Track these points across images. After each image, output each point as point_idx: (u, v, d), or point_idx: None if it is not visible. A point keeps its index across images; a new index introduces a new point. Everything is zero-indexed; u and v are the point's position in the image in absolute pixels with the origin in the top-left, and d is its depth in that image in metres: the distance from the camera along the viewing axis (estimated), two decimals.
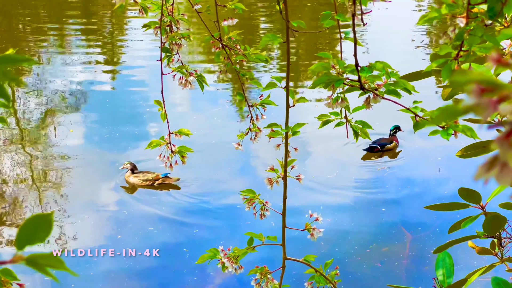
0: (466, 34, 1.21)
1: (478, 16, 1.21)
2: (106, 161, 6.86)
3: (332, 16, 1.69)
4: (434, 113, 1.36)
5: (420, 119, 1.39)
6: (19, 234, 0.55)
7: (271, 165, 1.93)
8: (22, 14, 13.24)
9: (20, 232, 0.55)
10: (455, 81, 0.46)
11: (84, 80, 9.40)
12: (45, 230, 0.55)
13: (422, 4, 14.71)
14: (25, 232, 0.54)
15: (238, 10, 2.03)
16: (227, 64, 2.11)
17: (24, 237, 0.54)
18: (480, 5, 1.21)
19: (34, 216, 0.55)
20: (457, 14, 1.20)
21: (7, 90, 0.50)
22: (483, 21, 1.22)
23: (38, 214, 0.55)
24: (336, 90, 1.46)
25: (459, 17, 1.19)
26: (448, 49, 1.31)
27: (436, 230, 5.42)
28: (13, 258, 0.52)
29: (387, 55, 9.15)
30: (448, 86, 2.10)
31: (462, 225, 2.01)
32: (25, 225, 0.55)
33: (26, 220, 0.55)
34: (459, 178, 6.25)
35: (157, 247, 5.26)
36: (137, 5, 2.20)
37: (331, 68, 1.45)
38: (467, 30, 1.21)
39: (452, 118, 0.45)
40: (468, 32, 1.21)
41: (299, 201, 5.62)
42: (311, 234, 1.89)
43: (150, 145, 2.33)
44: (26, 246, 0.55)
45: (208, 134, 7.26)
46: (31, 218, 0.55)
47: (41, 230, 0.55)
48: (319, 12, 12.00)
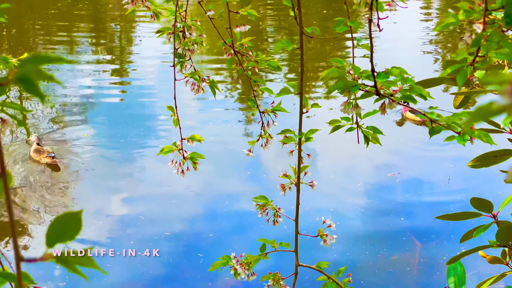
0: (483, 40, 1.21)
1: (495, 22, 1.21)
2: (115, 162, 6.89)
3: (345, 22, 1.69)
4: (450, 119, 1.36)
5: (436, 125, 1.39)
6: (49, 232, 0.55)
7: (284, 171, 1.93)
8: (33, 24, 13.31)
9: (50, 230, 0.55)
10: (487, 81, 0.46)
11: (93, 85, 9.44)
12: (75, 228, 0.55)
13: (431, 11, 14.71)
14: (54, 230, 0.55)
15: (251, 17, 2.04)
16: (238, 71, 2.11)
17: (54, 235, 0.55)
18: (497, 11, 1.21)
19: (63, 215, 0.55)
20: (474, 20, 1.20)
21: (41, 89, 0.51)
22: (500, 27, 1.22)
23: (67, 213, 0.55)
24: (351, 95, 1.47)
25: (476, 23, 1.20)
26: (464, 55, 1.31)
27: (447, 238, 5.40)
28: (43, 256, 0.53)
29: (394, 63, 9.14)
30: (460, 94, 2.10)
31: (474, 234, 2.01)
32: (55, 223, 0.55)
33: (55, 219, 0.55)
34: (469, 186, 6.24)
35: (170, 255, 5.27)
36: (149, 11, 2.21)
37: (347, 73, 1.46)
38: (484, 36, 1.21)
39: (485, 118, 0.45)
40: (485, 38, 1.21)
41: (309, 205, 5.62)
42: (324, 241, 1.89)
43: (162, 151, 2.34)
44: (56, 244, 0.55)
45: (217, 140, 7.29)
46: (61, 217, 0.56)
47: (70, 229, 0.55)
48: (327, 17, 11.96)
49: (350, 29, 1.70)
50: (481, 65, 1.33)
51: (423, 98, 1.43)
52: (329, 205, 5.95)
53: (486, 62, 1.32)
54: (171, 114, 2.21)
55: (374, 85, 1.40)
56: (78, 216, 0.56)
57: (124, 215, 5.94)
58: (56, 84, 5.76)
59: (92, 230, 5.59)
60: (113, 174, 6.76)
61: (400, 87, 1.44)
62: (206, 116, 8.24)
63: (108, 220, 5.82)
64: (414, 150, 7.21)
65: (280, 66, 2.09)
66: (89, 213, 5.83)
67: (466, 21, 1.22)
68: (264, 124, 2.05)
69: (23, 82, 0.50)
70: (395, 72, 1.39)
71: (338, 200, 6.10)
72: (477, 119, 0.47)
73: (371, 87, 1.44)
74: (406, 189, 6.35)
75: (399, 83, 1.45)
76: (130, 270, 5.12)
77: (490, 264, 2.13)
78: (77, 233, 0.55)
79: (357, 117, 1.68)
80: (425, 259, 5.20)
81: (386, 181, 6.51)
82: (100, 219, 5.85)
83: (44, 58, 0.50)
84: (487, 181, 6.24)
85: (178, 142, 2.28)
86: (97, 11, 14.56)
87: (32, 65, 0.50)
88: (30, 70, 0.49)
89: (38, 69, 0.49)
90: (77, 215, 0.56)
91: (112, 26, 13.25)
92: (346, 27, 1.65)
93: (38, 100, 8.48)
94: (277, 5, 14.45)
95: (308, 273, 2.15)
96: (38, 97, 0.52)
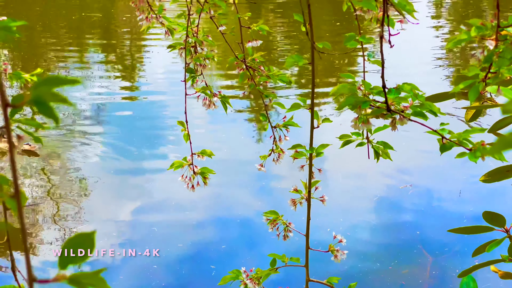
0: (495, 56, 1.21)
1: (507, 38, 1.21)
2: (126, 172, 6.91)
3: (355, 37, 1.70)
4: (462, 135, 1.35)
5: (446, 141, 1.39)
6: (62, 253, 0.55)
7: (294, 185, 1.93)
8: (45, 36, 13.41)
9: (63, 252, 0.55)
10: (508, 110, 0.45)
11: (103, 99, 9.49)
12: (87, 249, 0.55)
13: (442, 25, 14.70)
14: (67, 251, 0.55)
15: (263, 32, 2.05)
16: (250, 85, 2.12)
17: (67, 256, 0.55)
18: (509, 28, 1.21)
19: (76, 235, 0.55)
20: (486, 36, 1.20)
21: (56, 112, 0.51)
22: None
23: (80, 233, 0.55)
24: (362, 111, 1.47)
25: (488, 39, 1.19)
26: (476, 71, 1.31)
27: (458, 252, 5.37)
28: (56, 277, 0.53)
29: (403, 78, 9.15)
30: (472, 108, 2.10)
31: (487, 249, 1.99)
32: (68, 244, 0.55)
33: (68, 239, 0.55)
34: (480, 200, 6.20)
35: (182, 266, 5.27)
36: (163, 27, 2.22)
37: (357, 89, 1.46)
38: (496, 53, 1.21)
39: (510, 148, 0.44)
40: (497, 55, 1.21)
41: (320, 217, 5.61)
42: (335, 256, 1.89)
43: (173, 166, 2.34)
44: (69, 266, 0.55)
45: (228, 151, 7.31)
46: (74, 237, 0.56)
47: (83, 249, 0.55)
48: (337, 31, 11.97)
49: (361, 44, 1.70)
50: (493, 81, 1.32)
51: (434, 115, 1.43)
52: (339, 217, 5.94)
53: (498, 78, 1.32)
54: (181, 129, 2.22)
55: (385, 101, 1.40)
56: (91, 237, 0.56)
57: (136, 226, 5.95)
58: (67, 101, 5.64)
59: (106, 242, 5.60)
60: (125, 185, 6.78)
61: (411, 103, 1.44)
62: (216, 127, 8.26)
63: (120, 231, 5.83)
64: (425, 161, 7.19)
65: (292, 80, 2.09)
66: (100, 225, 5.85)
67: (478, 37, 1.22)
68: (276, 138, 2.06)
69: (37, 104, 0.51)
70: (406, 88, 1.39)
71: (348, 212, 6.08)
72: (501, 149, 0.46)
73: (381, 103, 1.44)
74: (418, 202, 6.32)
75: (410, 99, 1.45)
76: (143, 279, 5.12)
77: (502, 280, 2.11)
78: (91, 253, 0.55)
79: (367, 132, 1.68)
80: (437, 272, 5.17)
81: (397, 193, 6.49)
82: (112, 230, 5.86)
83: (59, 80, 0.50)
84: (499, 195, 6.21)
85: (188, 157, 2.28)
86: (109, 23, 14.67)
87: (46, 87, 0.51)
88: (44, 92, 0.50)
89: (52, 91, 0.49)
90: (90, 236, 0.56)
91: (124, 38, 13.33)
92: (357, 43, 1.65)
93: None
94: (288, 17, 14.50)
95: (318, 286, 2.14)
96: (53, 119, 0.52)
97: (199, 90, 2.13)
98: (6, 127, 0.51)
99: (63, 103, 0.51)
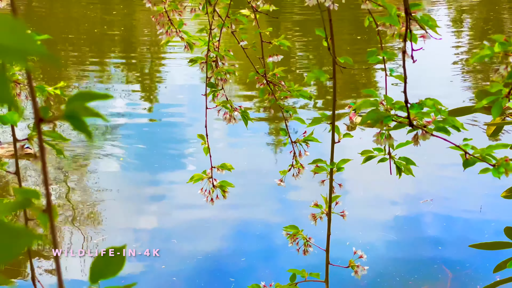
0: None
1: None
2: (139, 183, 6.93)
3: (378, 53, 1.70)
4: (485, 151, 1.35)
5: (470, 157, 1.38)
6: (93, 267, 0.56)
7: (315, 201, 1.93)
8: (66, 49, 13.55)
9: (94, 266, 0.56)
10: None
11: (122, 112, 9.55)
12: (118, 263, 0.56)
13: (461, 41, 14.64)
14: (98, 266, 0.55)
15: (283, 47, 2.06)
16: (271, 100, 2.13)
17: (98, 271, 0.55)
18: None
19: (107, 250, 0.56)
20: (509, 52, 1.20)
21: (89, 126, 0.52)
22: None
23: (110, 248, 0.56)
24: (384, 126, 1.47)
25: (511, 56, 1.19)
26: (499, 87, 1.30)
27: (479, 267, 5.32)
28: None
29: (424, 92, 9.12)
30: (494, 124, 2.08)
31: (508, 265, 1.98)
32: (98, 258, 0.56)
33: (99, 254, 0.56)
34: (502, 215, 6.14)
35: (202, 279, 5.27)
36: (183, 41, 2.24)
37: (379, 104, 1.46)
38: None
39: None
40: None
41: (338, 231, 5.58)
42: (355, 272, 1.88)
43: (192, 179, 2.35)
44: (99, 280, 0.56)
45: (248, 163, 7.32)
46: (104, 252, 0.56)
47: (113, 264, 0.56)
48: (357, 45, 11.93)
49: (383, 60, 1.70)
50: None
51: (457, 130, 1.42)
52: (359, 230, 5.90)
53: None
54: (201, 143, 2.23)
55: (408, 116, 1.40)
56: (121, 252, 0.56)
57: (156, 238, 5.96)
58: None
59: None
60: (143, 197, 6.80)
61: (434, 118, 1.44)
62: (236, 140, 8.27)
63: (139, 243, 5.85)
64: (446, 176, 7.14)
65: (312, 96, 2.10)
66: (119, 236, 5.87)
67: (501, 53, 1.22)
68: (296, 153, 2.06)
69: (70, 119, 0.52)
70: (429, 103, 1.39)
71: (368, 226, 6.04)
72: None
73: (404, 118, 1.43)
74: (438, 216, 6.27)
75: (433, 114, 1.45)
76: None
77: None
78: (121, 268, 0.56)
79: (389, 147, 1.68)
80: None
81: (418, 207, 6.45)
82: (131, 241, 5.88)
83: (91, 95, 0.51)
84: None
85: (208, 170, 2.29)
86: (130, 36, 14.79)
87: (79, 102, 0.51)
88: (77, 107, 0.51)
89: (85, 106, 0.50)
90: (120, 250, 0.56)
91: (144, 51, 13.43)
92: (379, 58, 1.65)
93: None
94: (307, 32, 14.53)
95: None
96: (86, 134, 0.53)
97: (219, 104, 2.14)
98: (39, 141, 0.52)
99: (96, 117, 0.51)
